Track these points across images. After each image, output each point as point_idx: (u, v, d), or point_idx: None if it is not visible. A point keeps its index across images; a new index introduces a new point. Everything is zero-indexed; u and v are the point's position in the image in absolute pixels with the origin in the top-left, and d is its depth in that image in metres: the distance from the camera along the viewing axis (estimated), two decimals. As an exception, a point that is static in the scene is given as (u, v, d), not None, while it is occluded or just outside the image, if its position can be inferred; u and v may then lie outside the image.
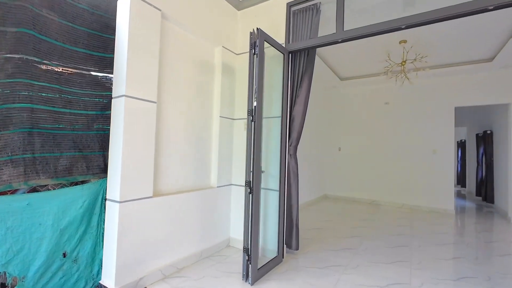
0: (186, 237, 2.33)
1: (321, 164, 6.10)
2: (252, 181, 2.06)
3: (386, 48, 3.93)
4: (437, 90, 5.15)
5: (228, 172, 2.84)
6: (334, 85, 5.99)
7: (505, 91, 4.55)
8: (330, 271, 2.33)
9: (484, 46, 3.88)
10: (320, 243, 3.06)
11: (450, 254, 2.86)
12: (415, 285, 2.14)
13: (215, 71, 2.76)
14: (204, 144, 2.63)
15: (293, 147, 2.71)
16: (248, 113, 2.10)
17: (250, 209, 2.05)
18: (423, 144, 5.30)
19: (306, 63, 2.66)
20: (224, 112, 2.77)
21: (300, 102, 2.65)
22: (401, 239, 3.29)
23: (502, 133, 5.15)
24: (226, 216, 2.81)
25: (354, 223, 4.02)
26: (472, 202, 6.56)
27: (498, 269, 2.49)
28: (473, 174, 7.63)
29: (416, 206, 5.28)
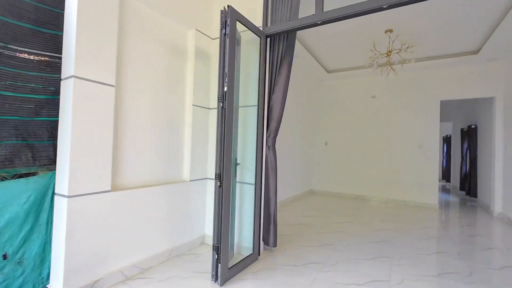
0: (152, 235, 2.15)
1: (307, 159, 5.99)
2: (222, 174, 1.89)
3: (372, 37, 3.80)
4: (422, 83, 5.09)
5: (203, 165, 2.66)
6: (321, 78, 5.86)
7: (491, 84, 4.52)
8: (307, 269, 2.20)
9: (469, 38, 3.80)
10: (300, 239, 2.93)
11: (432, 249, 2.78)
12: (394, 282, 2.03)
13: (188, 56, 2.56)
14: (175, 134, 2.44)
15: (271, 138, 2.55)
16: (218, 99, 1.92)
17: (220, 204, 1.89)
18: (409, 139, 5.25)
19: (285, 48, 2.49)
20: (198, 101, 2.58)
21: (278, 90, 2.49)
22: (384, 234, 3.20)
23: (486, 128, 5.15)
24: (200, 212, 2.64)
25: (338, 218, 3.92)
26: (456, 196, 6.61)
27: (480, 264, 2.42)
28: (457, 168, 7.70)
29: (402, 201, 5.24)
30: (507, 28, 3.32)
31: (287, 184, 4.99)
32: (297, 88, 5.32)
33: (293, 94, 5.18)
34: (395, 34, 3.59)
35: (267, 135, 2.54)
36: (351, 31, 3.69)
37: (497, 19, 3.29)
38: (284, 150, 4.84)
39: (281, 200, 4.75)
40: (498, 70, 4.46)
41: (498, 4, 2.97)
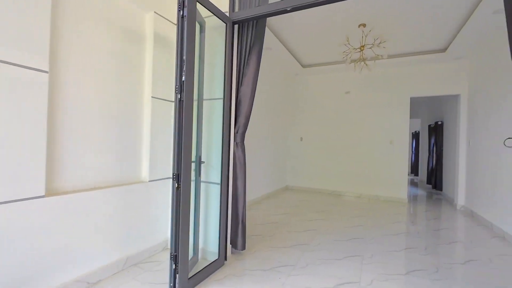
0: (102, 243, 1.90)
1: (282, 155, 5.91)
2: (180, 174, 1.69)
3: (346, 31, 3.73)
4: (394, 80, 5.17)
5: (165, 164, 2.43)
6: (297, 73, 5.76)
7: (456, 82, 4.67)
8: (276, 273, 2.07)
9: (438, 37, 3.87)
10: (271, 240, 2.81)
11: (402, 245, 2.79)
12: (364, 283, 1.97)
13: (147, 42, 2.29)
14: (131, 129, 2.18)
15: (240, 134, 2.37)
16: (175, 90, 1.70)
17: (178, 208, 1.69)
18: (380, 135, 5.33)
19: (254, 37, 2.31)
20: (158, 93, 2.33)
21: (247, 83, 2.31)
22: (356, 231, 3.18)
23: (451, 124, 5.36)
24: (163, 215, 2.41)
25: (311, 215, 3.86)
26: (423, 190, 6.89)
27: (445, 259, 2.45)
28: (425, 163, 8.06)
29: (374, 196, 5.34)
30: (471, 27, 3.39)
31: (261, 181, 4.86)
32: (272, 82, 5.17)
33: (268, 88, 5.03)
34: (368, 28, 3.54)
35: (235, 131, 2.36)
36: (326, 24, 3.59)
37: (463, 19, 3.35)
38: (258, 146, 4.70)
39: (255, 198, 4.61)
40: (464, 68, 4.62)
41: (464, 4, 3.01)
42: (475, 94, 4.29)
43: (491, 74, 3.72)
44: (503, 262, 2.43)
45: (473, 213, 4.12)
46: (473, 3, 2.99)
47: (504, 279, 2.10)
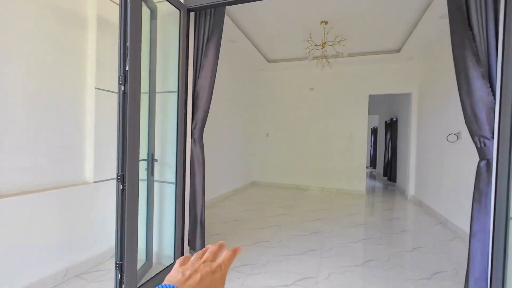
0: (36, 255, 1.66)
1: (249, 150, 5.85)
2: (125, 174, 1.52)
3: (309, 28, 3.75)
4: (354, 78, 5.38)
5: (111, 163, 2.20)
6: (262, 68, 5.71)
7: (409, 81, 5.01)
8: (236, 273, 2.01)
9: (392, 37, 4.07)
10: (233, 238, 2.74)
11: (359, 236, 2.91)
12: (322, 277, 1.99)
13: (88, 26, 2.03)
14: (70, 125, 1.93)
15: (198, 130, 2.24)
16: (118, 80, 1.51)
17: (123, 212, 1.52)
18: (342, 130, 5.54)
19: (212, 26, 2.18)
20: (103, 83, 2.09)
21: (205, 75, 2.18)
22: (317, 225, 3.25)
23: (404, 120, 5.77)
24: (110, 219, 2.20)
25: (275, 210, 3.87)
26: (380, 182, 7.38)
27: (396, 248, 2.61)
28: (382, 157, 8.62)
29: (335, 189, 5.56)
30: (421, 30, 3.62)
31: (226, 178, 4.76)
32: (237, 76, 5.05)
33: (233, 82, 4.91)
34: (329, 26, 3.60)
35: (192, 126, 2.22)
36: (288, 19, 3.56)
37: (413, 22, 3.56)
38: (223, 142, 4.58)
39: (220, 195, 4.50)
40: (415, 68, 4.97)
41: (414, 8, 3.19)
42: (424, 93, 4.64)
43: (437, 75, 4.04)
44: (444, 247, 2.66)
45: (421, 202, 4.49)
46: (421, 8, 3.18)
47: (447, 263, 2.28)
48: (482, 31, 1.52)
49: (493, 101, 1.50)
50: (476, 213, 1.58)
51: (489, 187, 1.54)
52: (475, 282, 1.57)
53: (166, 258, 2.10)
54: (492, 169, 1.52)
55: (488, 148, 1.54)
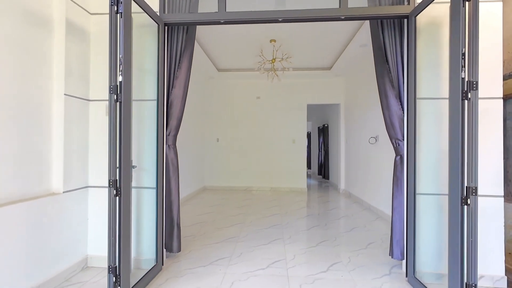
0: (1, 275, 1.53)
1: (200, 156, 5.94)
2: (119, 179, 1.58)
3: (260, 44, 4.21)
4: (295, 89, 6.13)
5: (81, 171, 2.13)
6: (212, 76, 5.92)
7: (337, 94, 6.01)
8: (215, 266, 2.21)
9: (327, 57, 4.90)
10: (202, 238, 2.89)
11: (309, 224, 3.44)
12: (289, 258, 2.38)
13: (55, 30, 1.95)
14: (36, 132, 1.82)
15: (172, 136, 2.36)
16: (110, 90, 1.58)
17: (119, 216, 1.58)
18: (285, 135, 6.20)
19: (185, 41, 2.35)
20: (72, 90, 2.02)
21: (179, 85, 2.33)
22: (273, 219, 3.66)
23: (334, 126, 6.82)
24: (80, 230, 2.11)
25: (232, 211, 4.14)
26: (316, 180, 8.42)
27: (339, 230, 3.22)
28: (316, 158, 9.81)
29: (281, 188, 6.15)
30: (347, 54, 4.51)
31: (180, 183, 4.76)
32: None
33: (185, 89, 4.97)
34: (278, 44, 4.13)
35: (167, 133, 2.33)
36: (242, 35, 3.93)
37: (341, 48, 4.41)
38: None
39: (175, 201, 4.49)
40: (342, 84, 6.01)
41: (342, 38, 3.99)
42: (348, 104, 5.66)
43: (357, 90, 5.03)
44: (371, 225, 3.41)
45: (351, 194, 5.44)
46: (348, 37, 4.00)
47: (375, 236, 2.97)
48: (394, 66, 2.17)
49: (402, 114, 2.16)
50: (395, 193, 2.22)
51: (402, 174, 2.19)
52: (396, 243, 2.20)
53: (144, 262, 2.14)
54: (404, 161, 2.18)
55: (401, 147, 2.20)
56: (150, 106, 2.18)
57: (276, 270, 2.15)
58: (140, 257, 2.15)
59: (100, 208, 2.18)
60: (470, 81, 1.42)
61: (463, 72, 1.44)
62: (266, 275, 2.06)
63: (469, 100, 1.43)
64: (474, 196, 1.41)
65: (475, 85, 1.41)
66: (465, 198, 1.43)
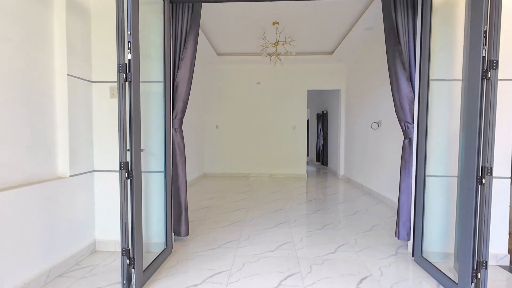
0: (17, 258, 1.51)
1: (199, 143, 5.89)
2: (131, 162, 1.55)
3: (262, 27, 4.09)
4: (295, 74, 6.05)
5: (87, 155, 2.07)
6: (211, 60, 5.78)
7: (338, 79, 5.96)
8: (225, 249, 2.23)
9: (329, 41, 4.80)
10: (208, 222, 2.90)
11: (313, 208, 3.48)
12: (296, 241, 2.41)
13: (54, 5, 1.84)
14: (38, 114, 1.75)
15: (178, 119, 2.31)
16: (119, 69, 1.51)
17: (131, 199, 1.55)
18: (285, 121, 6.17)
19: (190, 21, 2.26)
20: (75, 70, 1.94)
21: (185, 66, 2.25)
22: (277, 204, 3.69)
23: (334, 113, 6.80)
24: (87, 214, 2.08)
25: (235, 196, 4.15)
26: (314, 166, 8.48)
27: (342, 214, 3.26)
28: (314, 145, 9.84)
29: (282, 174, 6.18)
30: (350, 38, 4.43)
31: (181, 170, 4.73)
32: (187, 68, 5.00)
33: (184, 74, 4.85)
34: (281, 26, 4.01)
35: (173, 117, 2.28)
36: (244, 17, 3.81)
37: (345, 31, 4.32)
38: (177, 134, 4.52)
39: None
40: (343, 69, 5.94)
41: (348, 19, 3.90)
42: (350, 90, 5.63)
43: (360, 75, 4.99)
44: (373, 209, 3.47)
45: (350, 179, 5.50)
46: (353, 20, 3.91)
47: (379, 219, 3.02)
48: (407, 47, 2.13)
49: (413, 97, 2.14)
50: (403, 176, 2.24)
51: (411, 158, 2.20)
52: (403, 224, 2.24)
53: (153, 246, 2.14)
54: (412, 145, 2.18)
55: (410, 130, 2.20)
56: (156, 88, 2.12)
57: (285, 252, 2.18)
58: (149, 240, 2.14)
59: (106, 193, 2.15)
60: (491, 59, 1.39)
61: (483, 51, 1.41)
62: (276, 257, 2.09)
63: (488, 80, 1.41)
64: (489, 176, 1.42)
65: (495, 64, 1.39)
66: (480, 178, 1.44)
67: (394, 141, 3.61)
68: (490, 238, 1.97)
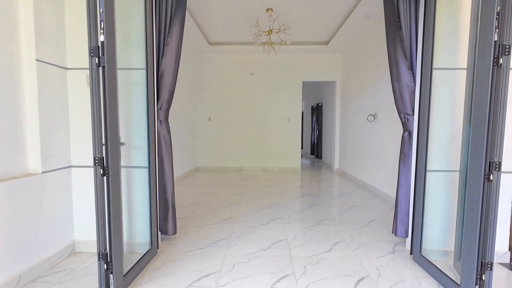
0: (-21, 264, 1.35)
1: (191, 136, 5.71)
2: (106, 157, 1.39)
3: (255, 14, 3.89)
4: (290, 65, 5.87)
5: (63, 149, 1.90)
6: (203, 50, 5.55)
7: (334, 70, 5.81)
8: (214, 248, 2.11)
9: (324, 30, 4.63)
10: (198, 219, 2.77)
11: (307, 203, 3.38)
12: (290, 238, 2.30)
13: (19, -20, 1.63)
14: (6, 104, 1.56)
15: (163, 111, 2.14)
16: (90, 52, 1.33)
17: (107, 198, 1.40)
18: (279, 113, 6.02)
19: (176, 4, 2.07)
20: (45, 55, 1.74)
21: (170, 53, 2.07)
22: (270, 199, 3.58)
23: (329, 105, 6.68)
24: (65, 214, 1.92)
25: (228, 191, 4.02)
26: (308, 159, 8.40)
27: (337, 209, 3.17)
28: (308, 138, 9.75)
29: (275, 168, 6.07)
30: (347, 26, 4.26)
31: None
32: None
33: (174, 64, 4.63)
34: (275, 13, 3.82)
35: (158, 107, 2.11)
36: (237, 3, 3.60)
37: (342, 19, 4.15)
38: (167, 127, 4.34)
39: (167, 182, 4.32)
40: (338, 60, 5.79)
41: (343, 7, 3.73)
42: (346, 81, 5.49)
43: (356, 67, 4.85)
44: (369, 203, 3.39)
45: (345, 173, 5.43)
46: (350, 7, 3.74)
47: (374, 214, 2.94)
48: (408, 33, 1.99)
49: (414, 87, 2.02)
50: (401, 170, 2.13)
51: (410, 151, 2.09)
52: (401, 220, 2.15)
53: (137, 246, 2.00)
54: (412, 138, 2.07)
55: (410, 123, 2.08)
56: (138, 77, 1.94)
57: (278, 250, 2.07)
58: (132, 240, 2.00)
59: (86, 190, 1.99)
60: (503, 44, 1.27)
61: (496, 34, 1.28)
62: (269, 256, 1.97)
63: (499, 67, 1.29)
64: (498, 171, 1.31)
65: (508, 49, 1.26)
66: (488, 174, 1.33)
67: (391, 134, 3.51)
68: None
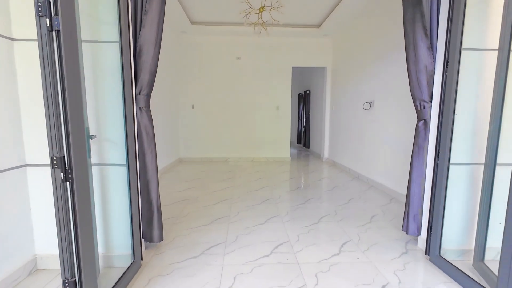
0: None
1: (173, 125, 5.27)
2: (69, 156, 1.03)
3: (245, -12, 3.48)
4: (279, 49, 5.53)
5: (13, 143, 1.49)
6: (185, 30, 5.04)
7: (324, 56, 5.55)
8: (209, 257, 1.82)
9: (317, 11, 4.31)
10: (186, 220, 2.46)
11: (303, 197, 3.17)
12: (293, 240, 2.07)
13: None
14: None
15: (143, 96, 1.77)
16: (38, 11, 0.94)
17: (72, 211, 1.06)
18: (268, 101, 5.72)
19: (157, -41, 1.66)
20: (-21, 18, 1.30)
21: (150, 24, 1.68)
22: (263, 193, 3.33)
23: (318, 92, 6.46)
24: (20, 223, 1.54)
25: (217, 185, 3.72)
26: (295, 148, 8.24)
27: (336, 203, 2.99)
28: (295, 126, 9.56)
29: (264, 158, 5.82)
30: (343, 7, 3.98)
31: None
32: (156, 37, 4.26)
33: (153, 44, 4.13)
34: (267, -11, 3.44)
35: (136, 92, 1.73)
36: (225, -27, 3.18)
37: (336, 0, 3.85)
38: (147, 115, 3.89)
39: (149, 176, 3.92)
40: (329, 45, 5.52)
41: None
42: (337, 67, 5.26)
43: (349, 52, 4.61)
44: (367, 195, 3.25)
45: (335, 162, 5.29)
46: (349, -16, 3.44)
47: (375, 208, 2.79)
48: (428, 7, 1.75)
49: (433, 70, 1.80)
50: (415, 163, 1.94)
51: (425, 142, 1.90)
52: (413, 218, 1.98)
53: (117, 258, 1.67)
54: (428, 127, 1.87)
55: (426, 111, 1.87)
56: (111, 52, 1.55)
57: (282, 256, 1.83)
58: (111, 252, 1.67)
59: (46, 194, 1.60)
60: None
61: (561, 3, 1.06)
62: (273, 264, 1.73)
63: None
64: (550, 167, 1.12)
65: None
66: (538, 170, 1.14)
67: (390, 122, 3.34)
68: (497, 231, 1.77)
